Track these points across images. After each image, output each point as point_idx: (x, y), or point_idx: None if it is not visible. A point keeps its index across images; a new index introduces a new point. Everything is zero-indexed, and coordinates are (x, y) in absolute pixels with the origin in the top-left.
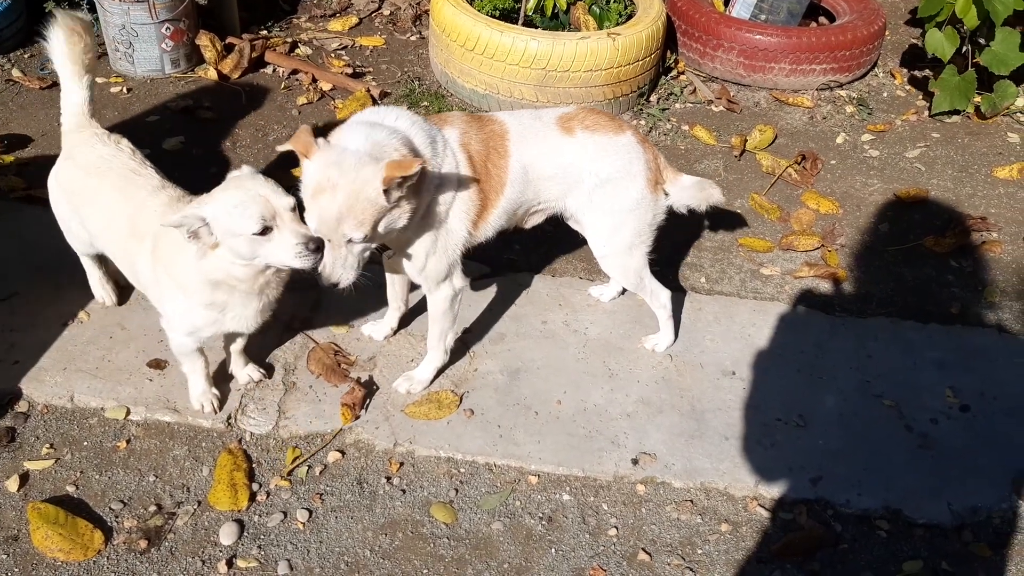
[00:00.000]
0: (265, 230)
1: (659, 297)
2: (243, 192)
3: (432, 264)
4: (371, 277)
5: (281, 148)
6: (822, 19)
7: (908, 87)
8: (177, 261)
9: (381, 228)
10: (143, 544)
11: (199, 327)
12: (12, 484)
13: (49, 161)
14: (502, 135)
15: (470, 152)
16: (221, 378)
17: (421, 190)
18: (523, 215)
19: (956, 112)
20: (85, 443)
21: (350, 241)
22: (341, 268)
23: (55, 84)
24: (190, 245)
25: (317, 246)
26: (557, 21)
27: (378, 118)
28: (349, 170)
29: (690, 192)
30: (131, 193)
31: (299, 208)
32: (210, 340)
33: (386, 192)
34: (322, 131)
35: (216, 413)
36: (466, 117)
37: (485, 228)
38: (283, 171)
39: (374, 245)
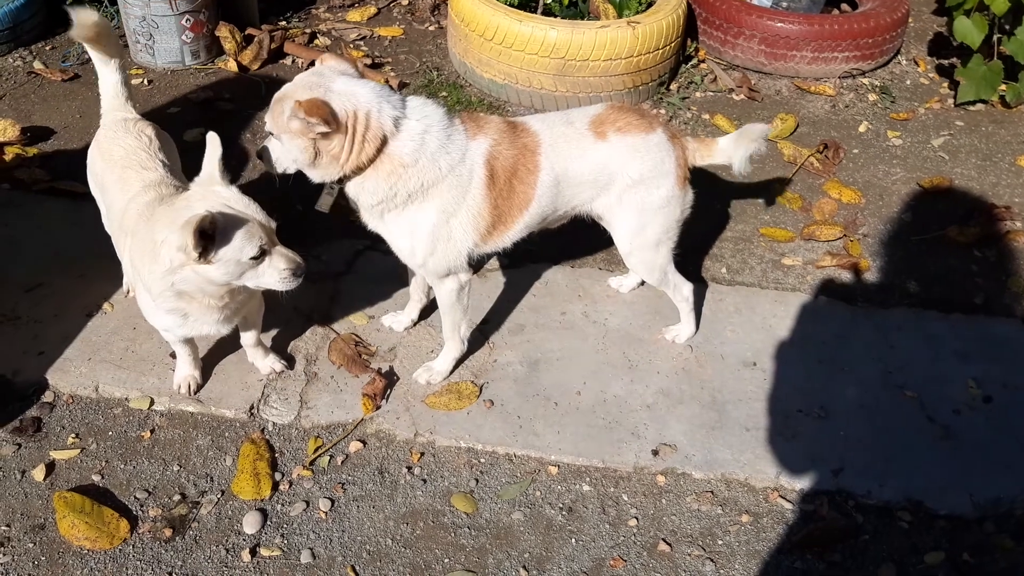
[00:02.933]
0: (262, 254)
1: (682, 290)
2: (246, 221)
3: (431, 263)
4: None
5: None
6: (844, 6)
7: (932, 75)
8: (145, 264)
9: (283, 144)
10: (168, 533)
11: (168, 327)
12: (38, 473)
13: (71, 154)
14: (534, 149)
15: (494, 168)
16: (245, 368)
17: (362, 173)
18: (551, 221)
19: (981, 101)
20: (110, 433)
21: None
22: (269, 144)
23: (76, 76)
24: (165, 257)
25: (301, 271)
26: (576, 10)
27: (413, 102)
28: (303, 81)
29: (733, 148)
30: (128, 186)
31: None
32: (183, 336)
33: (291, 117)
34: None
35: (190, 396)
36: (503, 126)
37: (500, 240)
38: None
39: (287, 160)
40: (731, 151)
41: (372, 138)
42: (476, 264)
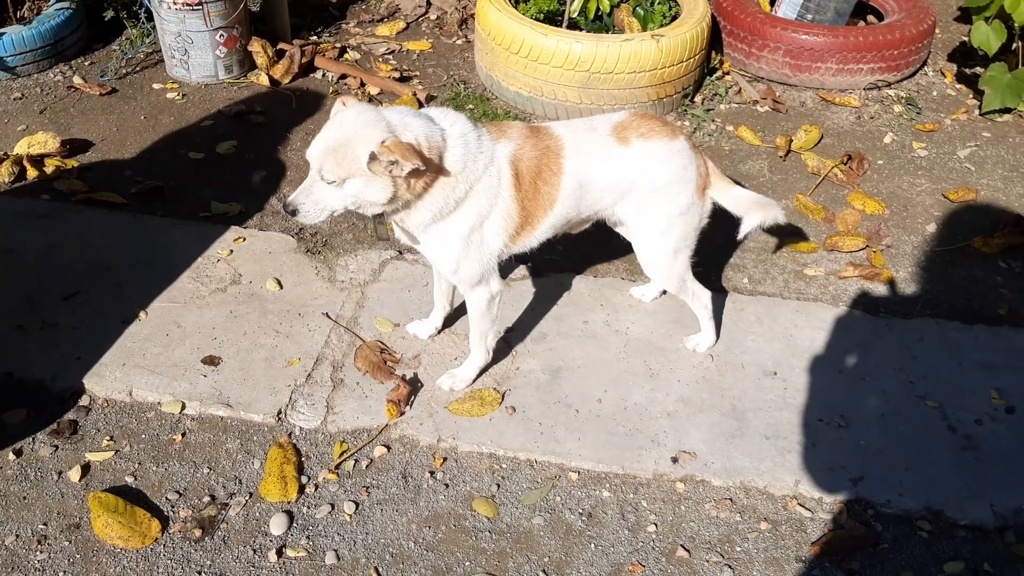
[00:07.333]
0: None
1: (700, 298)
2: None
3: (464, 269)
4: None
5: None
6: (870, 18)
7: (958, 86)
8: None
9: (350, 190)
10: (198, 533)
11: None
12: (74, 474)
13: (108, 165)
14: (557, 152)
15: (519, 169)
16: (273, 374)
17: (424, 194)
18: (574, 224)
19: (1007, 111)
20: (143, 436)
21: (322, 179)
22: (304, 198)
23: (114, 91)
24: None
25: None
26: (601, 23)
27: (435, 114)
28: (361, 122)
29: (747, 206)
30: None
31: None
32: None
33: (372, 158)
34: None
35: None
36: (524, 131)
37: (527, 241)
38: None
39: (347, 203)
40: (743, 207)
41: (435, 160)
42: (501, 271)
